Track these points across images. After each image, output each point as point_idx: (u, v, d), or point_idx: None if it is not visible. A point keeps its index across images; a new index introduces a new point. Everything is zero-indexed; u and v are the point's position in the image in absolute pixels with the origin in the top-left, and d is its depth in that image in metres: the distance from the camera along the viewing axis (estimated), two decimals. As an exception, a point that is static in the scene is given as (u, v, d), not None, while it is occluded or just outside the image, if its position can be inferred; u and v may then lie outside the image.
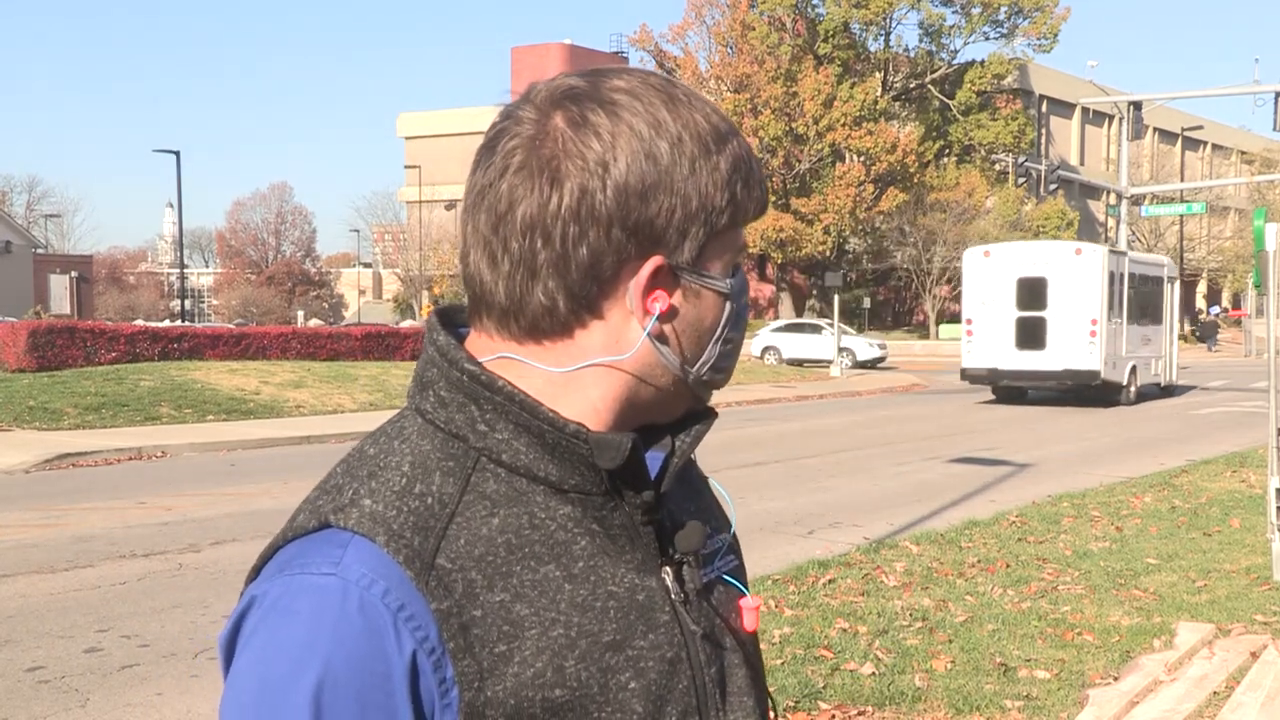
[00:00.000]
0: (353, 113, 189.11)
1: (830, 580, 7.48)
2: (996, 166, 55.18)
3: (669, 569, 0.98)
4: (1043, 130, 63.13)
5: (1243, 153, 72.53)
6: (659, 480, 0.98)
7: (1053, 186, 39.60)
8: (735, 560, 1.10)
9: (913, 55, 55.84)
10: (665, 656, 0.95)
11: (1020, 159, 43.98)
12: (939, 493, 11.67)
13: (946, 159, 55.79)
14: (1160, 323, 25.56)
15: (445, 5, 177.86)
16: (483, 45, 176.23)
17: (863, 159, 51.32)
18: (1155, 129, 65.35)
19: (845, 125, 50.20)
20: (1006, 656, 5.89)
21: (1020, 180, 46.45)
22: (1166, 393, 26.01)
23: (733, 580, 1.07)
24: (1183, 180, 59.33)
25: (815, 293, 54.75)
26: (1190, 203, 43.40)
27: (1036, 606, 6.94)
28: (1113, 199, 45.30)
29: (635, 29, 70.43)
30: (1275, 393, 7.95)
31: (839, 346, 32.94)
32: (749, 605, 1.05)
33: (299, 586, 0.87)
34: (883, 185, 51.62)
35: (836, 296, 34.68)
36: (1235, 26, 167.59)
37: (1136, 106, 36.34)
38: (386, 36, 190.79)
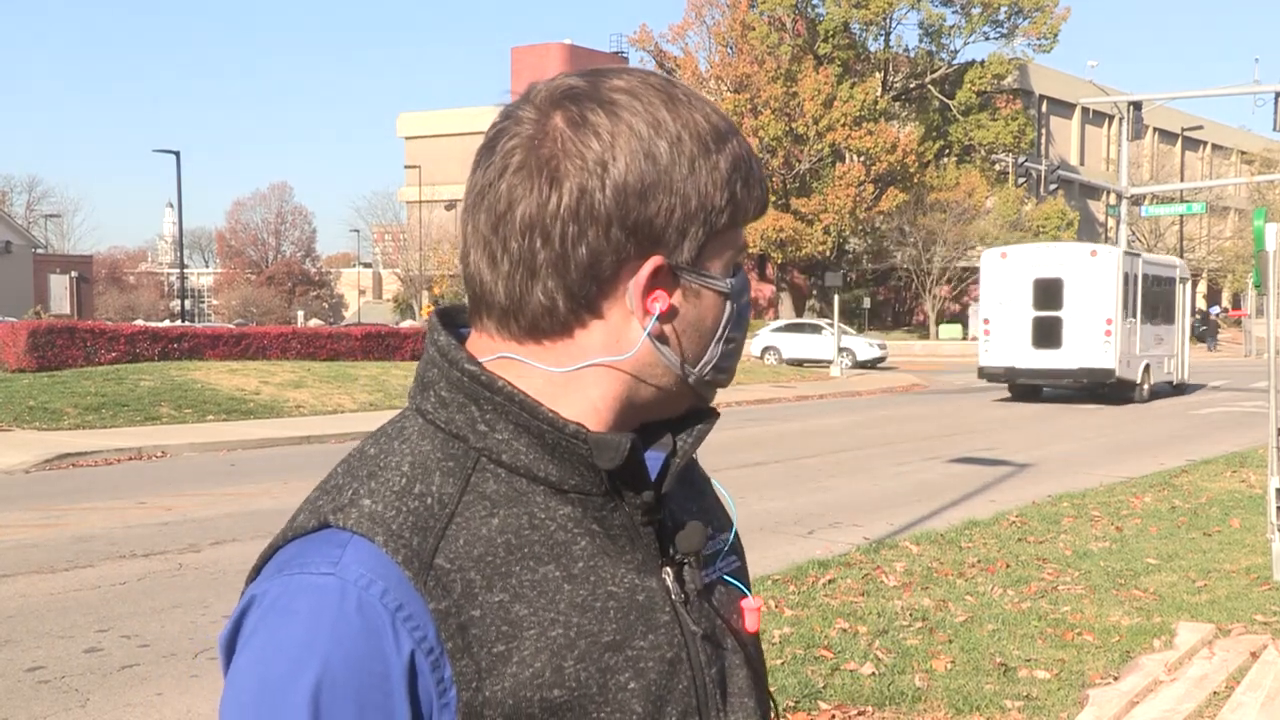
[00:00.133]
0: (353, 113, 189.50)
1: (830, 580, 7.48)
2: (996, 166, 55.14)
3: (669, 569, 0.98)
4: (1043, 130, 63.09)
5: (1243, 153, 72.47)
6: (660, 480, 0.98)
7: (1053, 186, 39.61)
8: (737, 561, 1.10)
9: (913, 55, 55.79)
10: (665, 657, 0.95)
11: (1020, 159, 43.96)
12: (939, 493, 11.68)
13: (946, 159, 55.75)
14: (1172, 322, 25.89)
15: (445, 5, 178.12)
16: (483, 45, 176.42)
17: (863, 159, 51.28)
18: (1155, 129, 65.31)
19: (845, 125, 50.17)
20: (1006, 656, 5.89)
21: (1020, 180, 46.42)
22: (1178, 391, 26.32)
23: (734, 581, 1.07)
24: (1183, 180, 59.42)
25: (815, 293, 54.74)
26: (1190, 203, 43.41)
27: (1036, 606, 6.94)
28: (1113, 199, 45.29)
29: (635, 29, 70.47)
30: (1275, 393, 7.95)
31: (839, 346, 32.95)
32: (750, 606, 1.05)
33: (298, 586, 0.87)
34: (883, 185, 51.58)
35: (836, 296, 34.71)
36: (1235, 26, 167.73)
37: (1136, 106, 36.36)
38: (386, 36, 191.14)
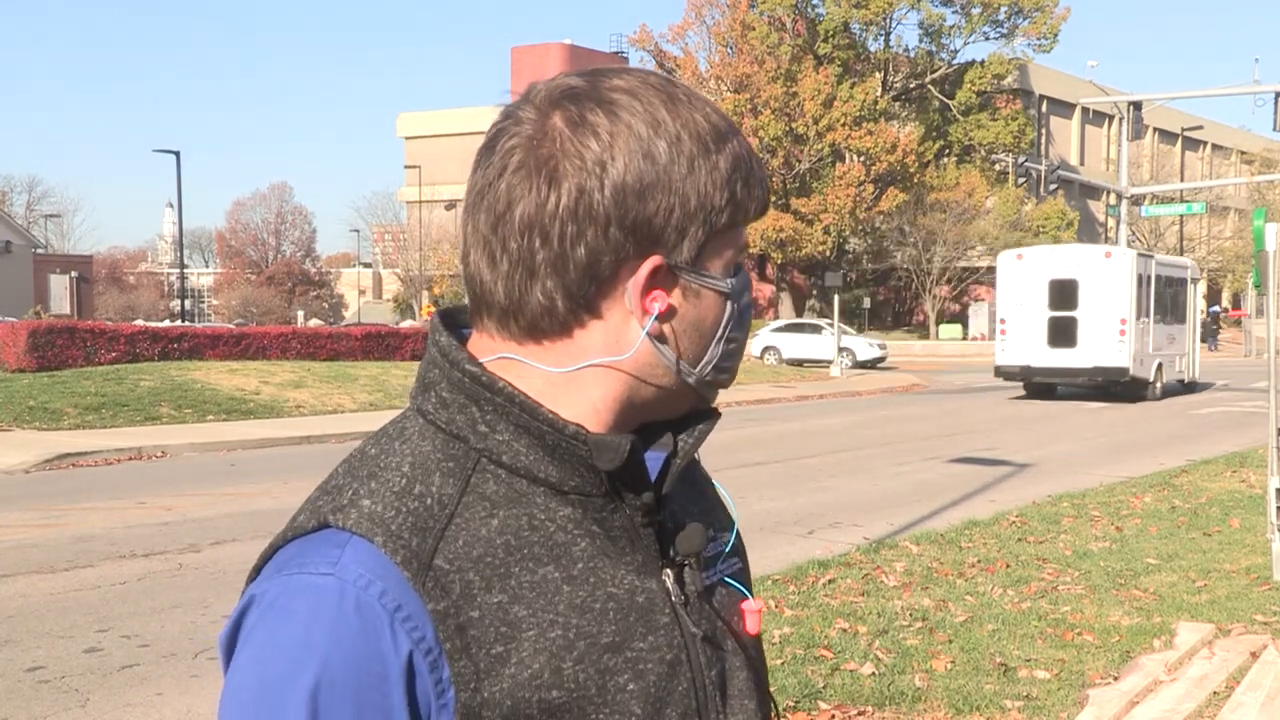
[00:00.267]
0: (353, 113, 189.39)
1: (830, 580, 7.48)
2: (996, 166, 55.11)
3: (670, 571, 0.98)
4: (1043, 130, 63.05)
5: (1243, 153, 72.42)
6: (660, 481, 0.98)
7: (1053, 186, 39.62)
8: (739, 563, 1.10)
9: (913, 55, 55.76)
10: (665, 659, 0.95)
11: (1020, 159, 43.96)
12: (939, 493, 11.68)
13: (946, 159, 55.72)
14: (1184, 322, 26.48)
15: (445, 5, 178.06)
16: (483, 45, 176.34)
17: (863, 159, 51.26)
18: (1155, 129, 65.26)
19: (845, 125, 50.15)
20: (1006, 656, 5.89)
21: (1020, 180, 46.39)
22: (1189, 389, 26.82)
23: (735, 583, 1.07)
24: (1183, 180, 59.38)
25: (815, 293, 54.73)
26: (1190, 203, 43.42)
27: (1036, 606, 6.94)
28: (1113, 199, 45.27)
29: (635, 29, 70.41)
30: (1275, 393, 7.96)
31: (839, 346, 32.96)
32: (751, 608, 1.05)
33: (297, 586, 0.87)
34: (883, 185, 51.57)
35: (836, 296, 34.73)
36: (1235, 26, 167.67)
37: (1136, 106, 36.36)
38: (386, 36, 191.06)
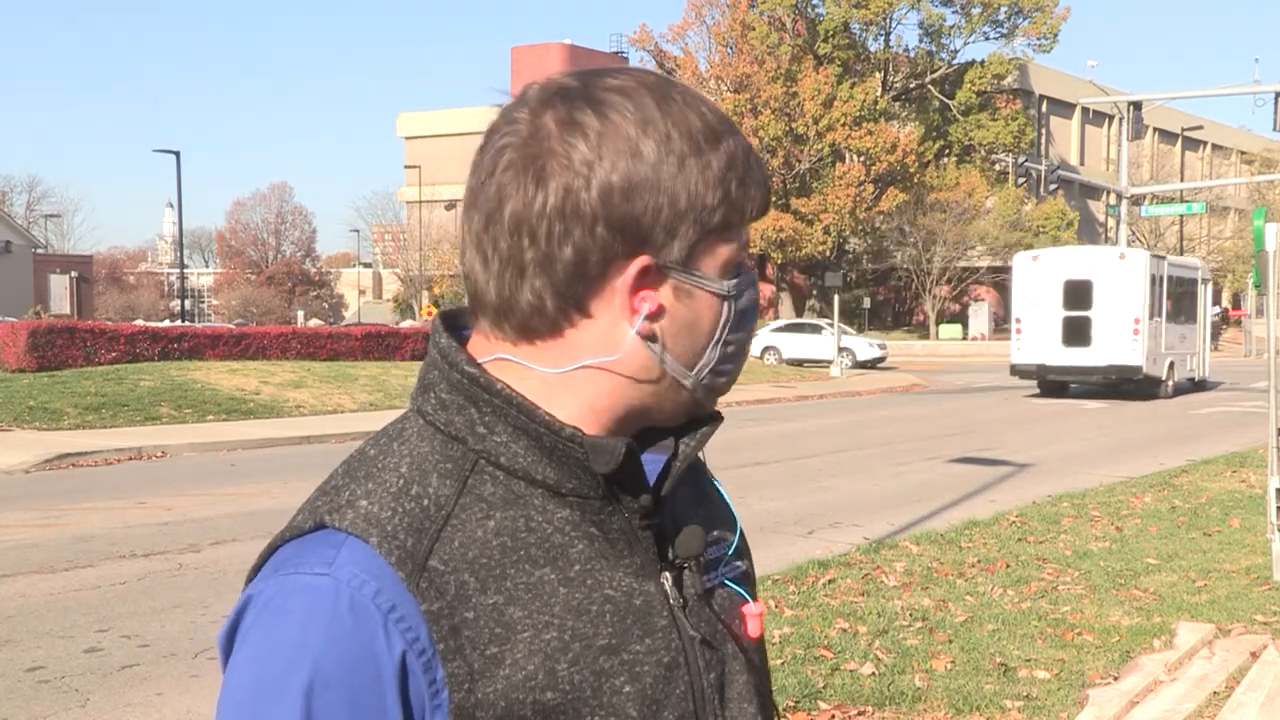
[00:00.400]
0: (353, 113, 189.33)
1: (830, 580, 7.47)
2: (996, 166, 55.12)
3: (669, 574, 0.97)
4: (1043, 130, 63.06)
5: (1243, 153, 72.41)
6: (659, 484, 0.98)
7: (1053, 186, 39.64)
8: (742, 566, 1.09)
9: (913, 55, 55.77)
10: (662, 661, 0.94)
11: (1020, 159, 43.99)
12: (939, 493, 11.67)
13: (946, 159, 55.73)
14: (1195, 321, 26.94)
15: (445, 5, 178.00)
16: (483, 45, 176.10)
17: (863, 159, 51.27)
18: (1155, 129, 65.26)
19: (845, 125, 50.17)
20: (1006, 656, 5.89)
21: (1020, 180, 46.42)
22: (1200, 387, 27.30)
23: (735, 586, 1.06)
24: (1183, 180, 59.40)
25: (815, 293, 54.75)
26: (1190, 203, 43.43)
27: (1036, 606, 6.94)
28: (1113, 199, 45.25)
29: (635, 29, 70.41)
30: (1275, 393, 7.95)
31: (839, 346, 32.95)
32: (752, 612, 1.04)
33: (292, 586, 0.87)
34: (883, 185, 51.58)
35: (836, 296, 34.73)
36: (1235, 26, 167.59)
37: (1136, 106, 36.36)
38: (386, 36, 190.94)
